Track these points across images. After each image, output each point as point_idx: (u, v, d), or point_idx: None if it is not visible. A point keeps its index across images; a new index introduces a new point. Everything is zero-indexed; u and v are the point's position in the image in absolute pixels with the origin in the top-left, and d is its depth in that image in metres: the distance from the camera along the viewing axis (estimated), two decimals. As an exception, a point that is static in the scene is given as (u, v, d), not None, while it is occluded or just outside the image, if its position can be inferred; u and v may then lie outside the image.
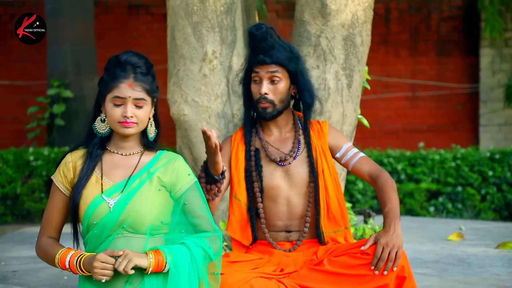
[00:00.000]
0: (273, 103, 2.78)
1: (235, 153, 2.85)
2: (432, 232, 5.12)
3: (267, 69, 2.76)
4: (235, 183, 2.83)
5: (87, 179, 2.39)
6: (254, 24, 2.83)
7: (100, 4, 9.13)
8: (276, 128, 2.86)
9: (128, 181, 2.39)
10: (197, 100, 3.68)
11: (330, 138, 2.88)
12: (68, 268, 2.31)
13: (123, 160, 2.44)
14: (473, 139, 9.15)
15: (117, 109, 2.38)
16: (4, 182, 6.87)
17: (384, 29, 9.15)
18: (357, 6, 3.58)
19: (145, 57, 2.45)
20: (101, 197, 2.36)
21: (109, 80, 2.40)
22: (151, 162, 2.43)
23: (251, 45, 2.79)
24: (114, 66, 2.41)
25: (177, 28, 3.72)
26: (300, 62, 2.83)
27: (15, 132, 8.96)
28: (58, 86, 7.60)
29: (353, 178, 6.95)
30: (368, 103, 8.36)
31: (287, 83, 2.80)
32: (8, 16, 9.17)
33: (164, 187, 2.40)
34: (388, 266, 2.51)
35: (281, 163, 2.81)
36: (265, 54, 2.76)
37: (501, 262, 3.91)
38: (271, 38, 2.78)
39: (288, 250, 2.78)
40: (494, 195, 7.02)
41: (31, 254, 4.17)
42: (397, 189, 2.76)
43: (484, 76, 9.09)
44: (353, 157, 2.85)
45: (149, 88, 2.41)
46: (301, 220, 2.81)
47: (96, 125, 2.46)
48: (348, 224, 2.88)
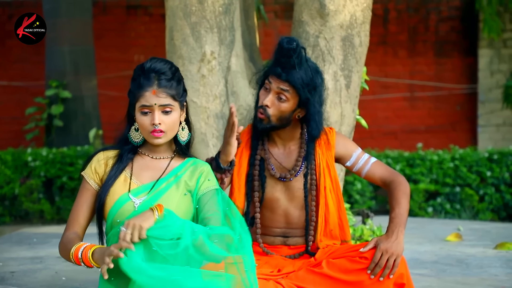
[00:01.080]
0: (269, 118, 2.71)
1: (239, 158, 2.80)
2: (430, 232, 5.13)
3: (279, 83, 2.69)
4: (235, 189, 2.80)
5: (116, 178, 2.42)
6: (288, 37, 2.72)
7: (98, 5, 9.13)
8: (280, 140, 2.80)
9: (156, 183, 2.42)
10: (196, 101, 3.68)
11: (338, 148, 2.82)
12: (80, 259, 2.30)
13: (153, 162, 2.47)
14: (471, 140, 9.16)
15: (145, 118, 2.41)
16: (2, 182, 6.86)
17: (382, 29, 9.15)
18: (355, 6, 3.58)
19: (170, 62, 2.46)
20: (127, 195, 2.39)
21: (135, 90, 2.42)
22: (179, 167, 2.46)
23: (276, 55, 2.72)
24: (139, 75, 2.43)
25: (175, 28, 3.72)
26: (317, 93, 2.71)
27: (13, 132, 8.96)
28: (56, 87, 7.60)
29: (352, 179, 6.95)
30: (366, 103, 8.37)
31: (293, 106, 2.71)
32: (6, 17, 9.17)
33: (190, 191, 2.43)
34: (385, 273, 2.50)
35: (282, 178, 2.78)
36: (283, 70, 2.67)
37: (499, 263, 3.91)
38: (297, 58, 2.66)
39: (289, 257, 2.77)
40: (492, 196, 7.02)
41: (29, 255, 4.16)
42: (409, 193, 2.71)
43: (482, 77, 9.10)
44: (364, 164, 2.81)
45: (175, 93, 2.42)
46: (299, 230, 2.80)
47: (131, 134, 2.49)
48: (348, 237, 2.84)
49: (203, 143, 3.74)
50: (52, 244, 4.53)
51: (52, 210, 6.89)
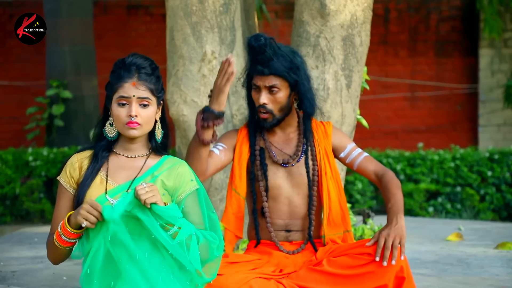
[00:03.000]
0: (272, 113, 2.77)
1: (239, 146, 2.84)
2: (431, 232, 5.13)
3: (265, 80, 2.75)
4: (236, 177, 2.83)
5: (92, 180, 2.40)
6: (253, 35, 2.79)
7: (99, 4, 9.14)
8: (279, 129, 2.86)
9: (132, 183, 2.40)
10: (196, 101, 3.68)
11: (334, 139, 2.88)
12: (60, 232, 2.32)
13: (128, 162, 2.45)
14: (472, 140, 9.16)
15: (122, 109, 2.39)
16: (3, 182, 6.87)
17: (383, 29, 9.15)
18: (356, 6, 3.58)
19: (150, 59, 2.46)
20: (104, 197, 2.36)
21: (114, 82, 2.42)
22: (155, 166, 2.44)
23: (250, 55, 2.78)
24: (119, 67, 2.43)
25: (176, 28, 3.72)
26: (301, 71, 2.79)
27: (14, 132, 8.96)
28: (57, 87, 7.60)
29: (352, 179, 6.95)
30: (367, 103, 8.37)
31: (287, 92, 2.78)
32: (7, 16, 9.17)
33: (167, 191, 2.40)
34: (394, 254, 2.48)
35: (284, 164, 2.82)
36: (263, 65, 2.73)
37: (500, 263, 3.91)
38: (270, 49, 2.73)
39: (292, 252, 2.78)
40: (493, 196, 7.02)
41: (30, 255, 4.17)
42: (401, 187, 2.76)
43: (483, 77, 9.10)
44: (357, 156, 2.86)
45: (154, 88, 2.42)
46: (302, 221, 2.81)
47: (106, 129, 2.46)
48: (349, 227, 2.87)
49: (204, 143, 3.74)
50: (53, 243, 4.53)
51: (53, 209, 6.90)
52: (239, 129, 2.91)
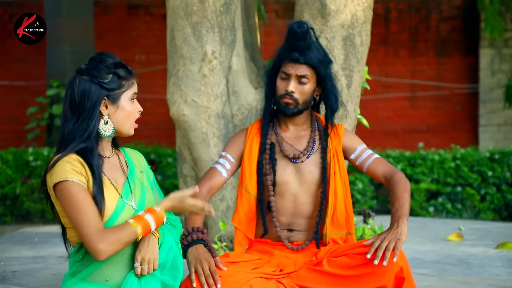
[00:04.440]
0: (297, 102, 2.79)
1: (249, 146, 2.85)
2: (431, 232, 5.12)
3: (298, 68, 2.76)
4: (246, 176, 2.83)
5: (101, 181, 2.34)
6: (296, 21, 2.81)
7: (99, 4, 9.13)
8: (292, 125, 2.87)
9: (128, 180, 2.42)
10: (197, 100, 3.68)
11: (345, 140, 2.89)
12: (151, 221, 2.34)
13: (110, 162, 2.44)
14: (473, 139, 9.15)
15: (135, 105, 2.43)
16: (3, 182, 6.87)
17: (383, 29, 9.15)
18: (356, 6, 3.58)
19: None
20: (122, 201, 2.37)
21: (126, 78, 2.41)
22: (128, 159, 2.49)
23: (289, 41, 2.78)
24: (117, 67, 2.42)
25: (176, 28, 3.72)
26: (330, 67, 2.83)
27: (15, 132, 8.96)
28: (57, 86, 7.60)
29: (353, 178, 6.95)
30: (367, 103, 8.37)
31: (313, 85, 2.81)
32: (7, 16, 9.17)
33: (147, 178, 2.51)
34: (387, 256, 2.47)
35: (294, 160, 2.82)
36: (300, 53, 2.76)
37: (500, 262, 3.91)
38: (310, 38, 2.76)
39: (296, 248, 2.78)
40: (493, 195, 7.02)
41: (31, 254, 4.17)
42: (410, 190, 2.74)
43: (483, 76, 9.09)
44: (367, 158, 2.86)
45: None
46: (305, 220, 2.81)
47: (101, 128, 2.38)
48: (352, 230, 2.86)
49: (204, 143, 3.74)
50: (53, 243, 4.53)
51: (53, 209, 6.89)
52: (249, 127, 2.91)
